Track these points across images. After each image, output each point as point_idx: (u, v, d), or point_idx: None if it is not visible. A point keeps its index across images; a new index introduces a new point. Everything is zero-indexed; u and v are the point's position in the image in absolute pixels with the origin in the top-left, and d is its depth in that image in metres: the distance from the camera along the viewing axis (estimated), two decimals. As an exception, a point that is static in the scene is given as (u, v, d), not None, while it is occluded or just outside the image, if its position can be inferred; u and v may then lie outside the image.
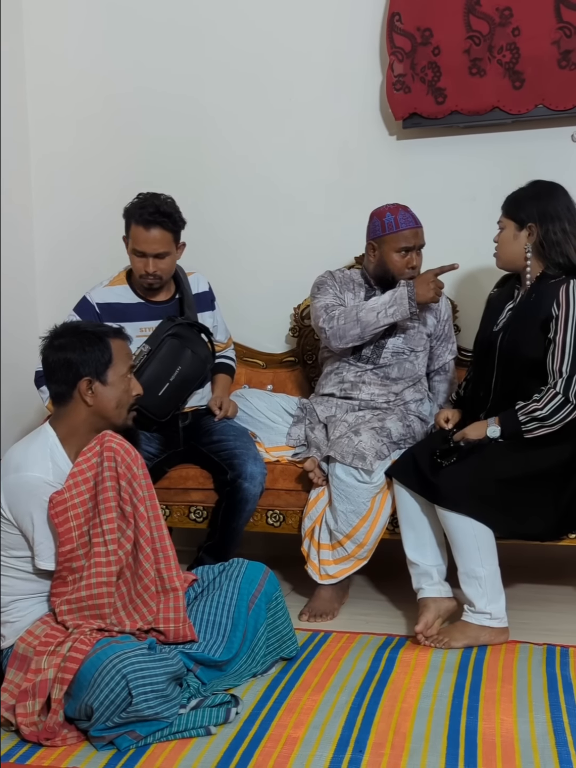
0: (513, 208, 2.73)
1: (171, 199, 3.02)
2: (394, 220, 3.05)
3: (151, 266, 2.98)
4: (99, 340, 2.31)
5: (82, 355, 2.29)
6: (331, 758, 2.01)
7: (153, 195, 3.00)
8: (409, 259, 3.06)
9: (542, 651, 2.57)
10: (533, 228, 2.68)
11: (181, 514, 3.11)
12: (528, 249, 2.70)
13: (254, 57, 3.59)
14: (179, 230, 3.03)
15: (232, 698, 2.22)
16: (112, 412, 2.33)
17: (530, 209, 2.69)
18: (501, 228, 2.78)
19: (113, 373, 2.32)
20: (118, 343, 2.36)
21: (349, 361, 3.15)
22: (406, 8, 3.31)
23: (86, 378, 2.29)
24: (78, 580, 2.24)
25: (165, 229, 2.96)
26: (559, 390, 2.59)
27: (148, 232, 2.95)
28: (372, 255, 3.13)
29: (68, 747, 2.10)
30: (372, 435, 2.87)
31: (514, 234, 2.72)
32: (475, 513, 2.59)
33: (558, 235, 2.66)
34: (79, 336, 2.31)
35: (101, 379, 2.30)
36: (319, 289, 3.21)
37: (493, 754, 2.02)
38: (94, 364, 2.29)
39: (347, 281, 3.22)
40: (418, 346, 3.16)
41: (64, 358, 2.30)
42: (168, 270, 3.04)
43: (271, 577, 2.49)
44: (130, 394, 2.37)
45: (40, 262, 3.90)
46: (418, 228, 3.08)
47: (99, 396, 2.31)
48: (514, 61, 3.23)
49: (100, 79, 3.74)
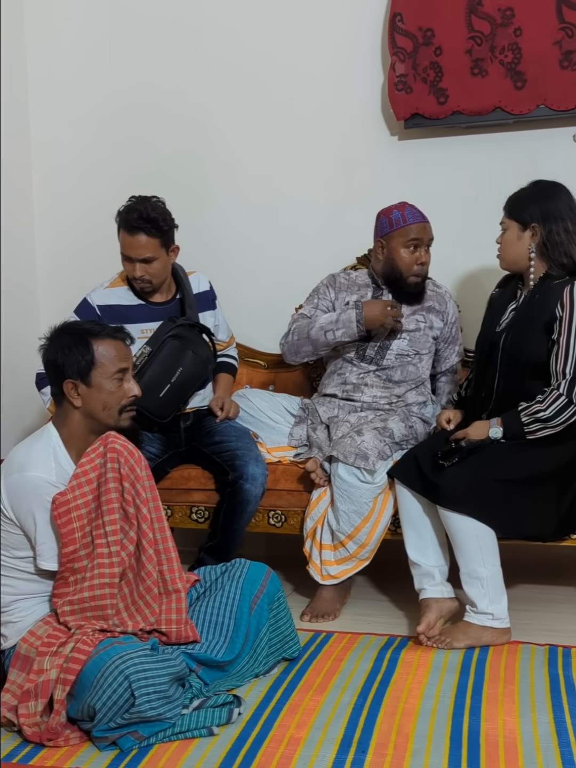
0: (516, 209, 2.73)
1: (161, 203, 3.00)
2: (401, 215, 3.06)
3: (138, 270, 2.98)
4: (81, 340, 2.28)
5: (63, 358, 2.27)
6: (333, 759, 2.01)
7: (142, 199, 2.99)
8: (418, 256, 3.06)
9: (544, 651, 2.56)
10: (536, 228, 2.68)
11: (183, 515, 3.11)
12: (532, 250, 2.70)
13: (256, 55, 3.59)
14: (166, 235, 2.99)
15: (234, 699, 2.22)
16: (100, 413, 2.31)
17: (533, 210, 2.68)
18: (504, 229, 2.77)
19: (98, 374, 2.28)
20: (109, 343, 2.31)
21: (353, 361, 3.15)
22: (408, 8, 3.32)
23: (69, 380, 2.28)
24: (80, 581, 2.24)
25: (149, 235, 2.95)
26: (563, 391, 2.59)
27: (132, 237, 2.95)
28: (380, 253, 3.13)
29: (71, 748, 2.10)
30: (375, 435, 2.87)
31: (517, 235, 2.72)
32: (476, 513, 2.59)
33: (561, 235, 2.66)
34: (63, 337, 2.30)
35: (85, 381, 2.27)
36: (309, 296, 3.25)
37: (496, 754, 2.02)
38: (75, 366, 2.27)
39: (351, 284, 3.22)
40: (423, 348, 3.15)
41: (51, 359, 2.30)
42: (158, 274, 3.03)
43: (273, 577, 2.49)
44: (120, 395, 2.32)
45: (42, 265, 3.90)
46: (425, 222, 3.08)
47: (85, 398, 2.29)
48: (516, 61, 3.23)
49: (102, 90, 3.75)
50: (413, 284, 3.10)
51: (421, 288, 3.14)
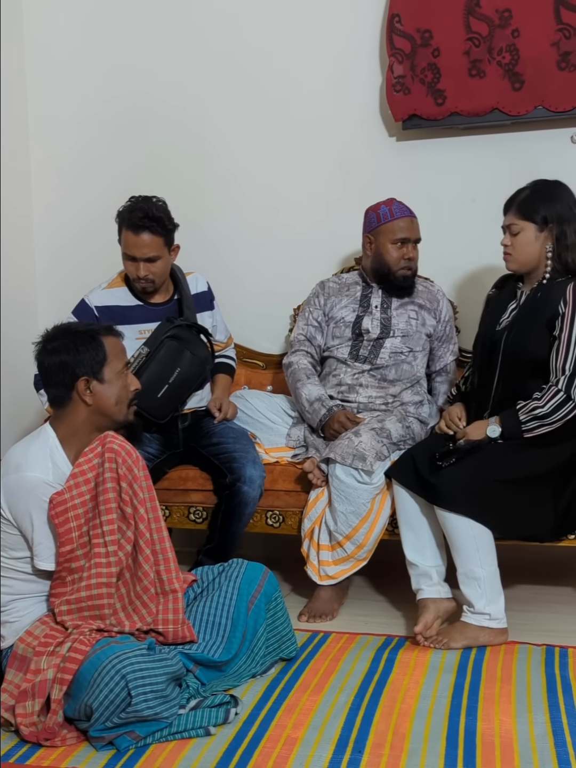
0: (530, 210, 2.69)
1: (162, 203, 3.01)
2: (389, 210, 3.10)
3: (142, 270, 2.99)
4: (92, 338, 2.31)
5: (76, 356, 2.29)
6: (330, 759, 2.01)
7: (144, 199, 3.00)
8: (405, 251, 3.09)
9: (541, 652, 2.57)
10: (553, 229, 2.68)
11: (181, 515, 3.12)
12: (549, 249, 2.70)
13: (255, 55, 3.59)
14: (170, 234, 3.01)
15: (231, 699, 2.22)
16: (112, 408, 2.34)
17: (549, 211, 2.67)
18: (516, 231, 2.72)
19: (109, 370, 2.32)
20: (111, 340, 2.36)
21: (347, 362, 3.16)
22: (406, 10, 3.31)
23: (83, 378, 2.29)
24: (77, 580, 2.24)
25: (154, 234, 2.96)
26: (561, 387, 2.59)
27: (137, 236, 2.95)
28: (369, 249, 3.15)
29: (68, 747, 2.10)
30: (372, 436, 2.87)
31: (535, 236, 2.70)
32: (474, 514, 2.59)
33: (572, 237, 2.66)
34: (72, 337, 2.31)
35: (98, 378, 2.30)
36: (301, 309, 3.30)
37: (492, 754, 2.02)
38: (89, 363, 2.29)
39: (342, 287, 3.24)
40: (417, 346, 3.16)
41: (59, 360, 2.30)
42: (160, 273, 3.04)
43: (270, 577, 2.49)
44: (128, 389, 2.38)
45: (41, 264, 3.90)
46: (412, 217, 3.12)
47: (98, 394, 2.31)
48: (514, 62, 3.23)
49: (100, 82, 3.75)
50: (402, 277, 3.13)
51: (411, 282, 3.16)
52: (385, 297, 3.17)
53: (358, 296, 3.19)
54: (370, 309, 3.16)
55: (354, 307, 3.18)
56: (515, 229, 2.73)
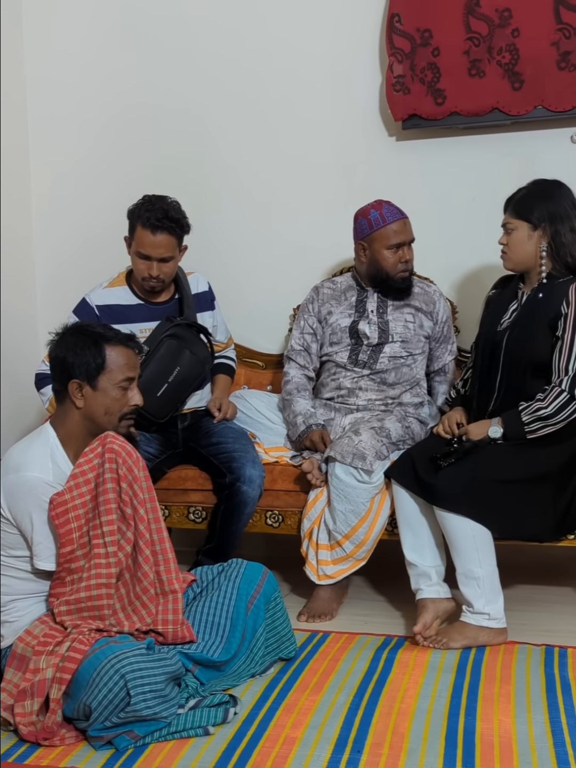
0: (524, 210, 2.70)
1: (177, 203, 3.02)
2: (379, 215, 3.06)
3: (155, 270, 2.99)
4: (94, 344, 2.29)
5: (74, 357, 2.28)
6: (329, 758, 2.01)
7: (160, 198, 2.99)
8: (401, 255, 3.07)
9: (540, 652, 2.57)
10: (546, 228, 2.68)
11: (180, 515, 3.12)
12: (543, 249, 2.70)
13: (254, 54, 3.59)
14: (184, 235, 3.03)
15: (230, 698, 2.22)
16: (101, 418, 2.32)
17: (542, 210, 2.67)
18: (510, 230, 2.73)
19: (106, 379, 2.30)
20: (120, 350, 2.32)
21: (346, 366, 3.15)
22: (406, 9, 3.31)
23: (75, 381, 2.28)
24: (77, 581, 2.24)
25: (171, 235, 2.96)
26: (565, 387, 2.58)
27: (154, 236, 2.94)
28: (363, 255, 3.13)
29: (66, 747, 2.11)
30: (372, 435, 2.87)
31: (528, 235, 2.70)
32: (473, 514, 2.59)
33: (567, 236, 2.66)
34: (77, 337, 2.31)
35: (91, 384, 2.29)
36: (296, 317, 3.30)
37: (491, 754, 2.02)
38: (85, 368, 2.28)
39: (337, 293, 3.22)
40: (416, 349, 3.15)
41: (60, 356, 2.30)
42: (170, 273, 3.05)
43: (270, 577, 2.49)
44: (122, 403, 2.33)
45: (41, 266, 3.89)
46: (404, 218, 3.08)
47: (88, 400, 2.30)
48: (514, 62, 3.23)
49: (103, 92, 3.74)
50: (400, 279, 3.11)
51: (409, 282, 3.15)
52: (381, 301, 3.15)
53: (354, 301, 3.18)
54: (366, 313, 3.15)
55: (350, 313, 3.17)
56: (510, 227, 2.74)
